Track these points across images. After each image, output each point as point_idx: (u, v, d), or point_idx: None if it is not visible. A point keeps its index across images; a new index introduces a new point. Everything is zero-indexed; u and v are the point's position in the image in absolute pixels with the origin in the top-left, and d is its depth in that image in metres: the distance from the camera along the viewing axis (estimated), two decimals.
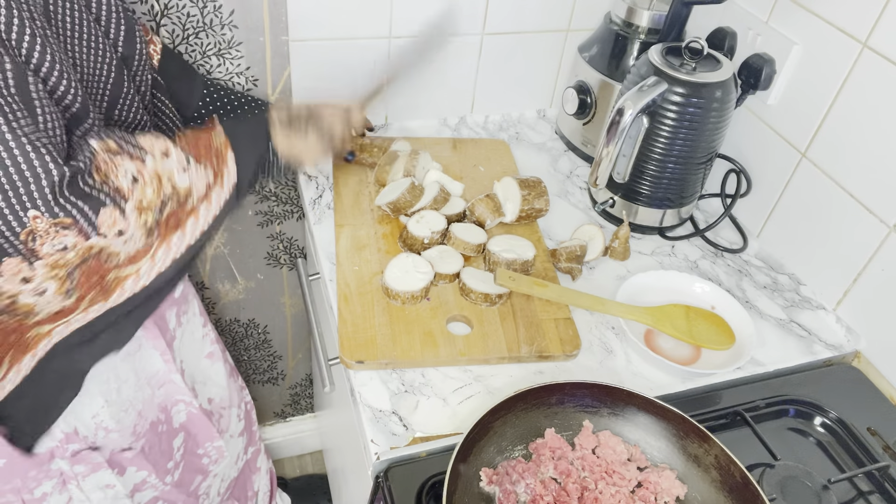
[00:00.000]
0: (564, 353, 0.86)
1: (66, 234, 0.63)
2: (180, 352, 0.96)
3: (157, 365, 0.91)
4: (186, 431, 0.99)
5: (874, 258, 0.91)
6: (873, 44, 0.87)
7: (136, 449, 0.90)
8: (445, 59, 1.20)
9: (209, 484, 1.07)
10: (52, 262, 0.64)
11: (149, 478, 0.93)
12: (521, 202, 1.00)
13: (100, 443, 0.85)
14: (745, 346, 0.88)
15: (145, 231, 0.68)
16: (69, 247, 0.64)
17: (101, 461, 0.86)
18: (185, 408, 0.97)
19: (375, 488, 0.78)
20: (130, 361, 0.86)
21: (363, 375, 0.83)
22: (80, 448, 0.83)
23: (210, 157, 0.74)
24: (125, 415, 0.87)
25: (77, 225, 0.63)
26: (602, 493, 0.72)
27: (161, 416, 0.94)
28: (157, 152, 0.70)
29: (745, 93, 1.04)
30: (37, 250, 0.63)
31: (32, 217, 0.61)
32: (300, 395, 1.70)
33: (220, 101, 1.02)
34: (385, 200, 1.00)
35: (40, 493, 0.83)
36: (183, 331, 0.98)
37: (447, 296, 0.91)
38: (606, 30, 1.15)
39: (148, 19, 1.02)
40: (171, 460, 0.98)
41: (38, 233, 0.62)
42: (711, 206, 1.16)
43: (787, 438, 0.85)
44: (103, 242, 0.66)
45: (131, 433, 0.89)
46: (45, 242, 0.63)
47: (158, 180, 0.69)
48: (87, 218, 0.64)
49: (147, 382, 0.90)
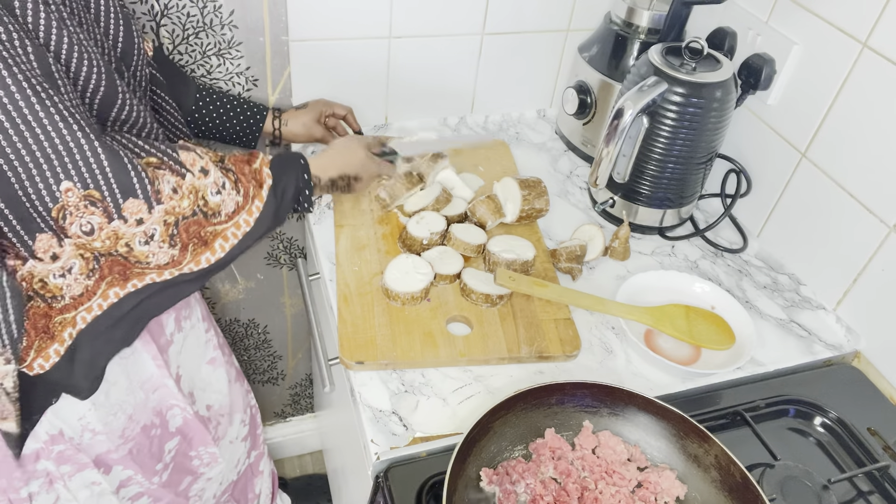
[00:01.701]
0: (564, 353, 0.86)
1: (94, 212, 0.66)
2: (177, 357, 0.96)
3: (150, 369, 0.90)
4: (182, 435, 0.99)
5: (874, 258, 0.91)
6: (873, 44, 0.87)
7: (123, 451, 0.90)
8: (445, 59, 1.20)
9: (202, 487, 1.06)
10: (80, 243, 0.68)
11: (135, 476, 0.93)
12: (521, 202, 1.00)
13: (85, 444, 0.85)
14: (745, 346, 0.88)
15: (167, 235, 0.71)
16: (95, 230, 0.67)
17: (86, 461, 0.86)
18: (180, 412, 0.97)
19: (375, 488, 0.78)
20: (122, 364, 0.86)
21: (363, 375, 0.83)
22: (64, 449, 0.83)
23: (248, 184, 0.78)
24: (114, 418, 0.86)
25: (104, 202, 0.66)
26: (602, 493, 0.72)
27: (155, 420, 0.94)
28: (197, 170, 0.73)
29: (745, 93, 1.04)
30: (66, 228, 0.66)
31: (65, 190, 0.64)
32: (300, 395, 1.70)
33: (213, 104, 1.03)
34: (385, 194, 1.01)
35: (26, 493, 0.83)
36: (184, 336, 0.97)
37: (447, 296, 0.91)
38: (606, 30, 1.15)
39: (148, 19, 1.02)
40: (161, 462, 0.97)
41: (69, 208, 0.65)
42: (711, 206, 1.16)
43: (787, 438, 0.85)
44: (124, 229, 0.68)
45: (119, 436, 0.88)
46: (74, 221, 0.66)
47: (196, 194, 0.73)
48: (112, 194, 0.66)
49: (140, 386, 0.90)
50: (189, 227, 0.72)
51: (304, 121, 1.09)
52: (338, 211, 1.02)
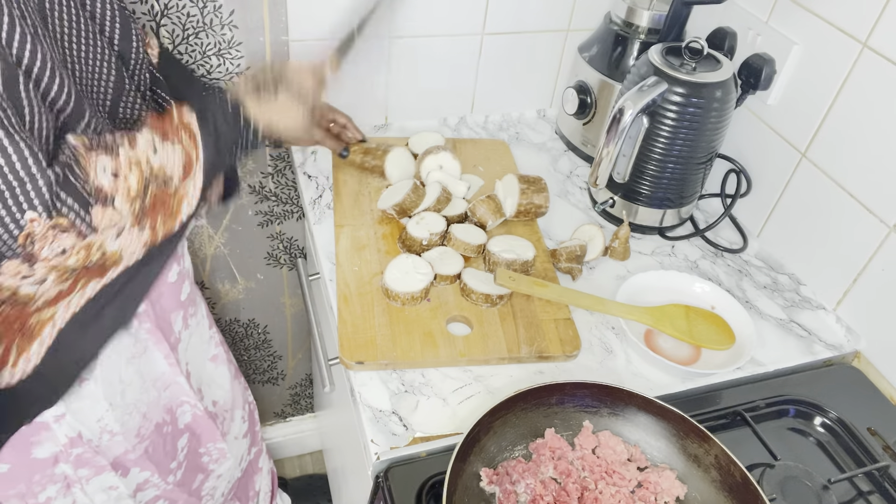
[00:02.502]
0: (565, 353, 0.86)
1: (65, 236, 0.63)
2: (186, 354, 0.96)
3: (161, 367, 0.91)
4: (191, 432, 1.00)
5: (874, 258, 0.91)
6: (873, 44, 0.87)
7: (139, 451, 0.90)
8: (445, 59, 1.20)
9: (213, 485, 1.07)
10: (52, 265, 0.64)
11: (151, 477, 0.94)
12: (519, 195, 1.00)
13: (104, 446, 0.85)
14: (745, 346, 0.88)
15: (135, 219, 0.68)
16: (68, 250, 0.64)
17: (104, 464, 0.86)
18: (190, 409, 0.97)
19: (375, 488, 0.78)
20: (136, 364, 0.86)
21: (363, 375, 0.83)
22: (83, 452, 0.83)
23: (178, 133, 0.72)
24: (129, 417, 0.87)
25: (75, 227, 0.63)
26: (602, 493, 0.72)
27: (166, 417, 0.94)
28: (125, 141, 0.69)
29: (745, 93, 1.04)
30: (35, 254, 0.62)
31: (30, 220, 0.61)
32: (300, 395, 1.70)
33: None
34: (390, 203, 0.99)
35: (44, 498, 0.83)
36: (190, 333, 0.98)
37: (447, 296, 0.91)
38: (606, 30, 1.15)
39: (148, 19, 1.02)
40: (175, 460, 0.98)
41: (36, 236, 0.62)
42: (711, 206, 1.16)
43: (787, 438, 0.85)
44: (101, 239, 0.65)
45: (136, 435, 0.89)
46: (44, 246, 0.62)
47: (137, 166, 0.68)
48: (82, 217, 0.64)
49: (153, 384, 0.90)
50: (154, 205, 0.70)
51: None
52: (338, 211, 1.02)
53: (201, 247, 1.31)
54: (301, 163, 1.15)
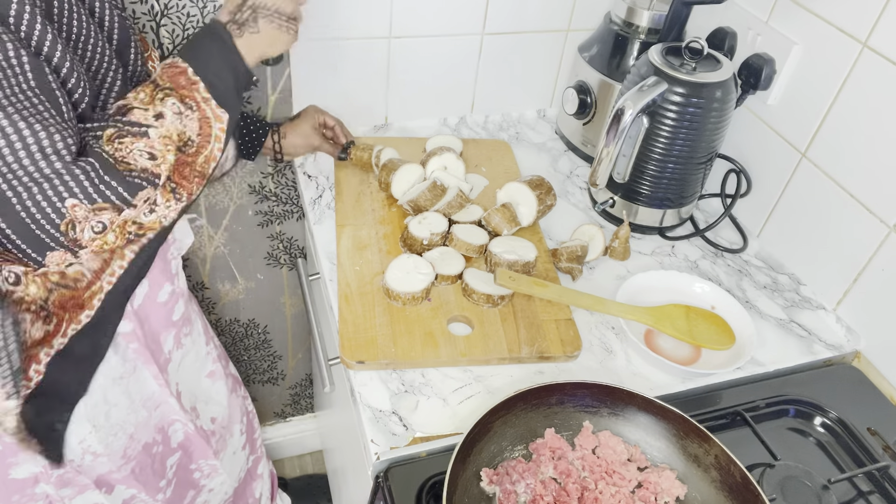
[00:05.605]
0: (565, 353, 0.86)
1: (103, 214, 0.66)
2: (178, 373, 0.95)
3: (151, 387, 0.89)
4: (184, 450, 0.99)
5: (874, 258, 0.91)
6: (873, 44, 0.87)
7: (125, 471, 0.89)
8: (445, 59, 1.20)
9: (205, 499, 1.06)
10: (95, 247, 0.68)
11: (139, 495, 0.92)
12: (536, 203, 1.01)
13: (86, 467, 0.84)
14: (745, 346, 0.88)
15: (169, 193, 0.71)
16: (107, 225, 0.67)
17: (87, 482, 0.85)
18: (181, 427, 0.96)
19: (375, 488, 0.78)
20: (123, 384, 0.85)
21: (363, 375, 0.83)
22: (65, 472, 0.82)
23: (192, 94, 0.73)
24: (114, 438, 0.85)
25: (116, 207, 0.66)
26: (602, 493, 0.72)
27: (157, 437, 0.93)
28: (152, 119, 0.70)
29: (745, 93, 1.04)
30: (78, 238, 0.66)
31: (71, 206, 0.64)
32: (300, 395, 1.70)
33: None
34: (406, 198, 1.00)
35: None
36: (184, 353, 0.97)
37: (448, 296, 0.91)
38: (606, 30, 1.15)
39: (148, 19, 1.02)
40: (164, 479, 0.96)
41: (78, 219, 0.64)
42: (711, 206, 1.16)
43: (787, 438, 0.85)
44: (135, 214, 0.69)
45: (121, 456, 0.87)
46: (85, 227, 0.65)
47: (170, 140, 0.71)
48: (124, 199, 0.67)
49: (142, 405, 0.89)
50: (182, 170, 0.71)
51: (301, 130, 1.09)
52: (339, 211, 1.02)
53: (201, 247, 1.31)
54: (301, 163, 1.15)
